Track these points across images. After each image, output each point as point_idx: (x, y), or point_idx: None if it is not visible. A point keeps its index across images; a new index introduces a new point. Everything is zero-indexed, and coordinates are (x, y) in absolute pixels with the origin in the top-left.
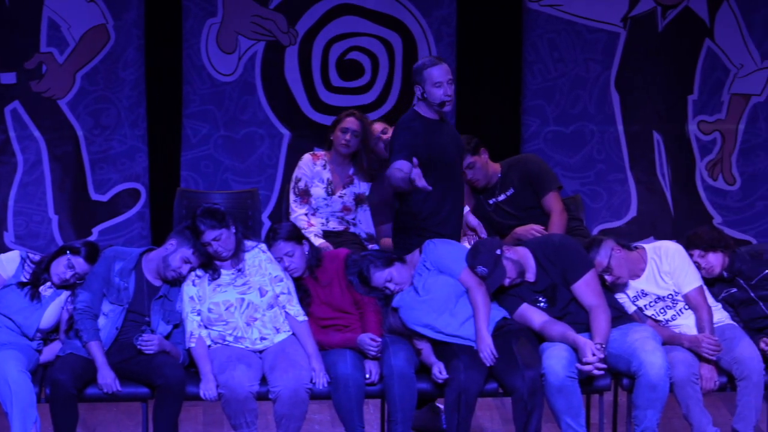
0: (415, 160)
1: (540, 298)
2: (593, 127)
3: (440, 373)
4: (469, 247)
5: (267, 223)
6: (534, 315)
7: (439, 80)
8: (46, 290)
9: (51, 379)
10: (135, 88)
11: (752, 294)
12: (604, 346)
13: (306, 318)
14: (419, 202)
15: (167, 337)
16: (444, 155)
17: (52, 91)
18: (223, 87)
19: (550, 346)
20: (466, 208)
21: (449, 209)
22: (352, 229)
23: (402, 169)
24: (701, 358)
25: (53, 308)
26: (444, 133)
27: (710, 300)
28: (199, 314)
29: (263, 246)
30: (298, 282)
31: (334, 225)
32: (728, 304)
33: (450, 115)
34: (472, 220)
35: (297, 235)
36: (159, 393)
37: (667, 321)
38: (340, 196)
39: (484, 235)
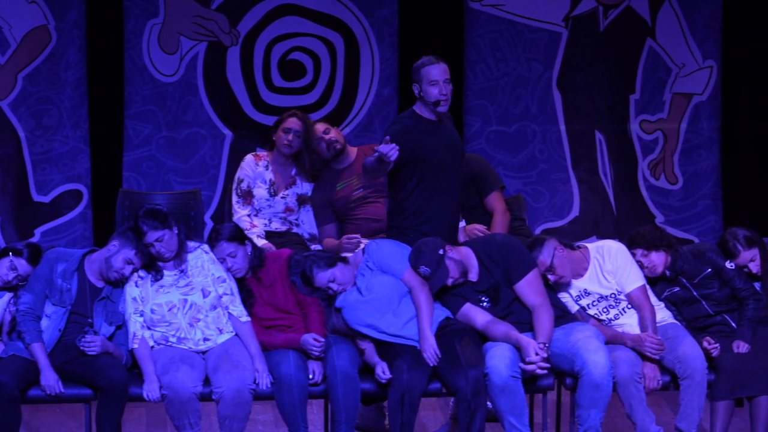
0: (387, 137)
1: (483, 298)
2: (535, 126)
3: (383, 373)
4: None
5: (210, 224)
6: (477, 315)
7: (435, 79)
8: None
9: None
10: (77, 88)
11: (695, 293)
12: (547, 345)
13: (249, 319)
14: (403, 200)
15: (110, 338)
16: (433, 156)
17: None
18: (165, 88)
19: (493, 346)
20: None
21: (434, 210)
22: (294, 230)
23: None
24: (644, 357)
25: None
26: (438, 133)
27: (653, 299)
28: (141, 315)
29: (206, 247)
30: (241, 283)
31: (276, 225)
32: (671, 303)
33: (391, 114)
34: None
35: (240, 236)
36: (102, 394)
37: (610, 320)
38: (282, 197)
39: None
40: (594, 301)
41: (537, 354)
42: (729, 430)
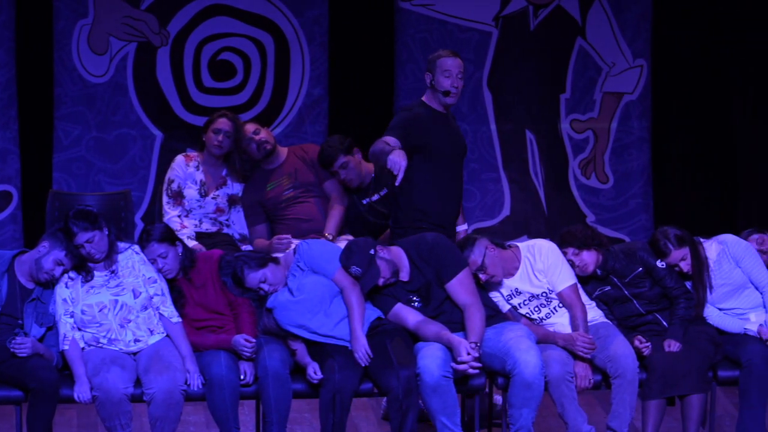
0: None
1: (414, 298)
2: (466, 126)
3: (315, 373)
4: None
5: (140, 225)
6: (408, 314)
7: (448, 69)
8: None
9: None
10: (6, 89)
11: (626, 292)
12: (478, 345)
13: (180, 319)
14: (408, 190)
15: (40, 339)
16: (438, 146)
17: None
18: (95, 88)
19: (424, 346)
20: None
21: (437, 200)
22: (225, 230)
23: (389, 143)
24: (576, 357)
25: None
26: (443, 125)
27: (584, 298)
28: (72, 316)
29: (136, 247)
30: (172, 283)
31: (207, 226)
32: (602, 302)
33: (322, 114)
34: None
35: (170, 237)
36: (33, 396)
37: (542, 319)
38: (213, 198)
39: None
40: (525, 301)
41: (469, 354)
42: (660, 429)
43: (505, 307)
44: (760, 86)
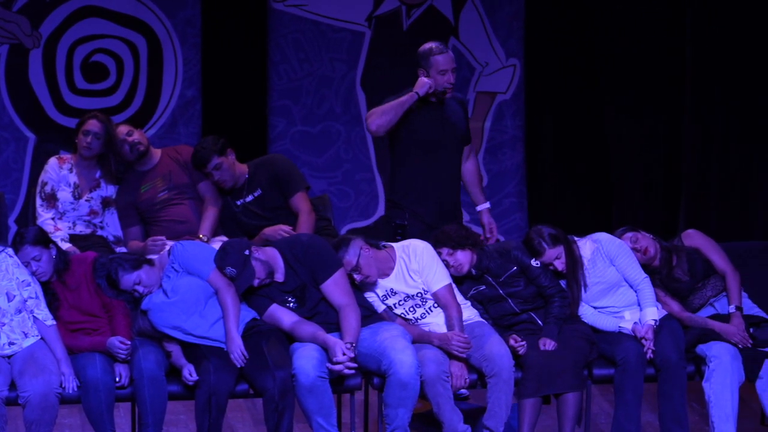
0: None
1: (289, 299)
2: (340, 127)
3: (190, 375)
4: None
5: (13, 228)
6: (284, 315)
7: (444, 68)
8: None
9: None
10: None
11: (501, 291)
12: (354, 345)
13: (54, 322)
14: (398, 176)
15: None
16: (427, 134)
17: None
18: None
19: (300, 347)
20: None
21: (427, 188)
22: (99, 232)
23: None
24: (451, 356)
25: None
26: (434, 113)
27: (459, 298)
28: None
29: (10, 250)
30: (46, 286)
31: (81, 228)
32: (477, 302)
33: (195, 115)
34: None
35: (44, 239)
36: None
37: (417, 319)
38: (86, 200)
39: (495, 235)
40: (400, 301)
41: (344, 354)
42: (536, 428)
43: (381, 308)
44: (633, 85)
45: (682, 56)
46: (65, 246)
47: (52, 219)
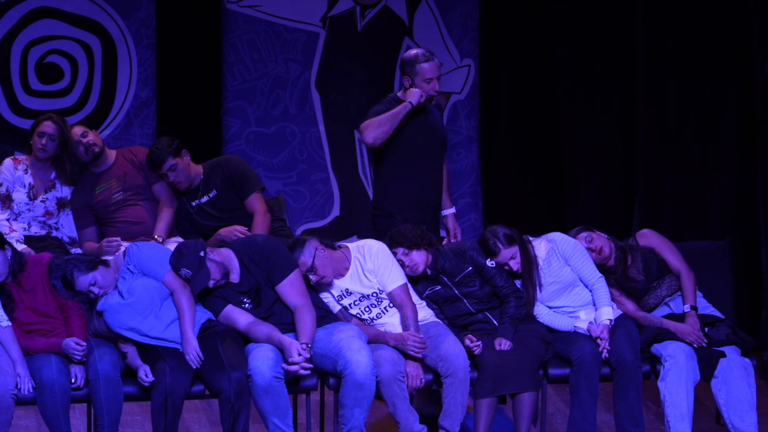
0: None
1: (245, 299)
2: (295, 127)
3: (146, 376)
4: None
5: None
6: (239, 316)
7: (430, 76)
8: None
9: None
10: None
11: (456, 291)
12: (309, 345)
13: (9, 323)
14: (384, 182)
15: None
16: (410, 140)
17: None
18: None
19: (255, 347)
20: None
21: (411, 194)
22: (54, 234)
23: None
24: (407, 356)
25: None
26: (418, 120)
27: (415, 298)
28: None
29: None
30: (1, 287)
31: (36, 229)
32: (432, 302)
33: (150, 116)
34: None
35: None
36: None
37: (372, 319)
38: (42, 201)
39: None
40: (356, 301)
41: (300, 354)
42: (492, 428)
43: (336, 308)
44: (587, 86)
45: (635, 57)
46: (20, 247)
47: (8, 220)
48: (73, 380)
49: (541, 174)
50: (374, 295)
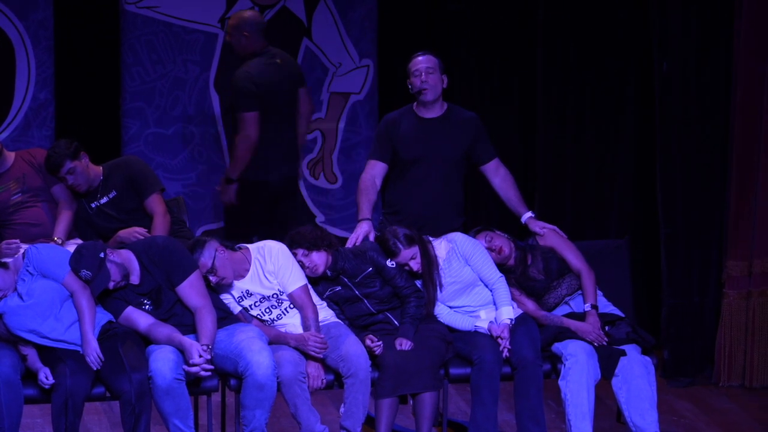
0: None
1: (145, 301)
2: (194, 128)
3: (46, 378)
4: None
5: None
6: (139, 318)
7: (415, 69)
8: None
9: None
10: None
11: (356, 292)
12: (210, 347)
13: None
14: (385, 190)
15: None
16: (406, 151)
17: None
18: None
19: (156, 349)
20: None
21: (410, 203)
22: None
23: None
24: (308, 357)
25: None
26: (420, 129)
27: (315, 298)
28: None
29: None
30: None
31: None
32: (333, 302)
33: (48, 118)
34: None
35: None
36: None
37: (273, 320)
38: None
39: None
40: (256, 302)
41: (200, 356)
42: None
43: (237, 309)
44: (485, 85)
45: (534, 57)
46: None
47: None
48: None
49: None
50: (275, 296)
